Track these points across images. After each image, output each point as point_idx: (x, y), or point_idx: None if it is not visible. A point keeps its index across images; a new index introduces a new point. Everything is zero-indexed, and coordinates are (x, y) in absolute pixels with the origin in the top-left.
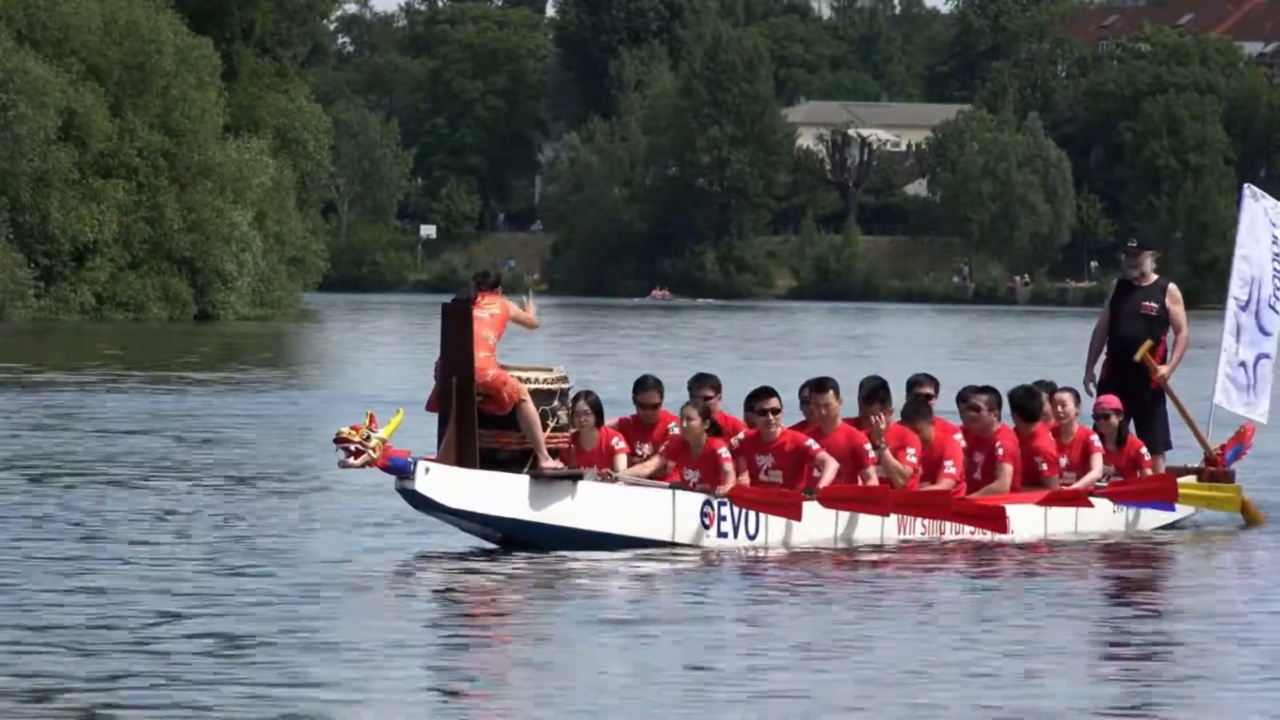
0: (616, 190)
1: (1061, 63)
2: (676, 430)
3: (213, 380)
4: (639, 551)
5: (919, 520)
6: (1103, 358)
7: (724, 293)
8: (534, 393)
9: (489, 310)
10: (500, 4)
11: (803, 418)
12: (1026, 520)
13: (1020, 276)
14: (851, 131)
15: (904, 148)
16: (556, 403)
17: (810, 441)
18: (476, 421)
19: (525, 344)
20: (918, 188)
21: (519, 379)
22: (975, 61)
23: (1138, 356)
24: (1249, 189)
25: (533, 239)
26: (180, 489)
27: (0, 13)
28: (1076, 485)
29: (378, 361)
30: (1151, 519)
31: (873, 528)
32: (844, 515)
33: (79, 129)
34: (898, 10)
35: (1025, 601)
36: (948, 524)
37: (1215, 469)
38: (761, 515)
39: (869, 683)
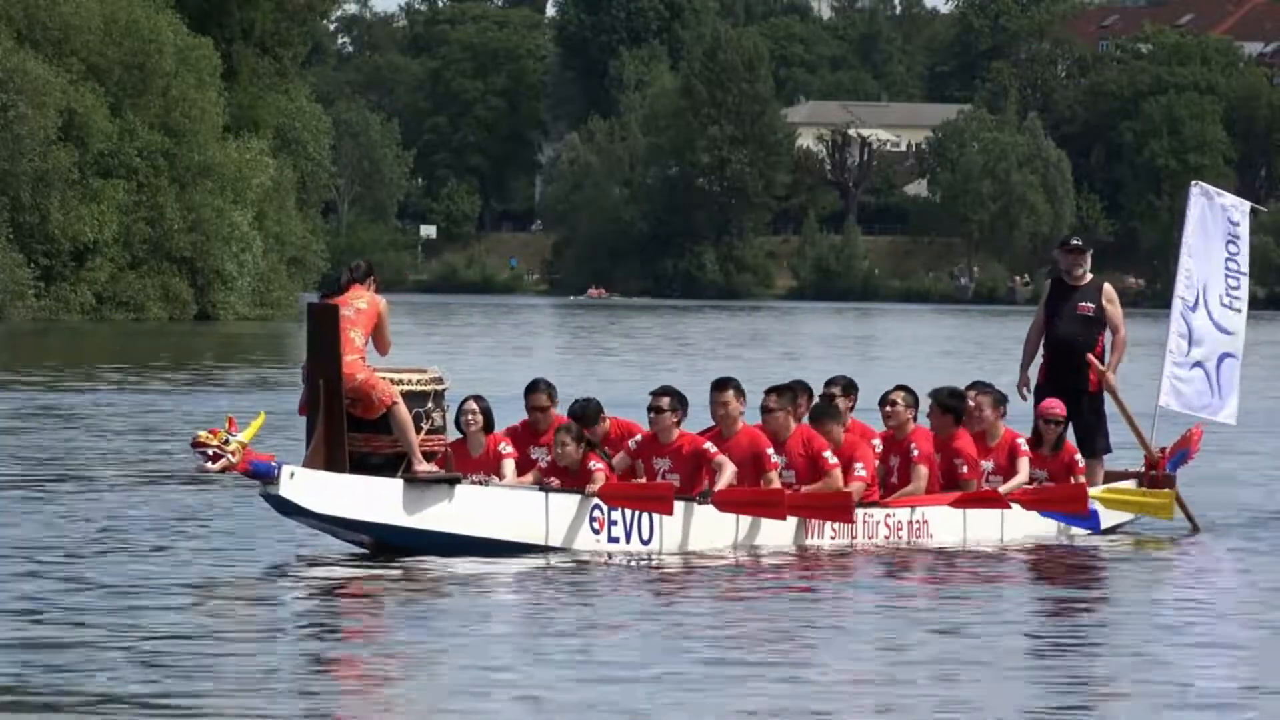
0: (616, 190)
1: (1061, 63)
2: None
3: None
4: (519, 558)
5: (828, 524)
6: (1039, 361)
7: (724, 293)
8: (406, 394)
9: (355, 305)
10: (500, 4)
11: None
12: (944, 523)
13: (1020, 276)
14: (851, 131)
15: (904, 148)
16: (430, 404)
17: (708, 444)
18: (345, 425)
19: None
20: (918, 188)
21: (390, 381)
22: (975, 61)
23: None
24: (1198, 186)
25: (533, 239)
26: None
27: (0, 13)
28: (1001, 489)
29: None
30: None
31: (773, 532)
32: (744, 519)
33: (79, 129)
34: (898, 10)
35: (931, 605)
36: (859, 528)
37: (1155, 474)
38: (654, 519)
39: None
